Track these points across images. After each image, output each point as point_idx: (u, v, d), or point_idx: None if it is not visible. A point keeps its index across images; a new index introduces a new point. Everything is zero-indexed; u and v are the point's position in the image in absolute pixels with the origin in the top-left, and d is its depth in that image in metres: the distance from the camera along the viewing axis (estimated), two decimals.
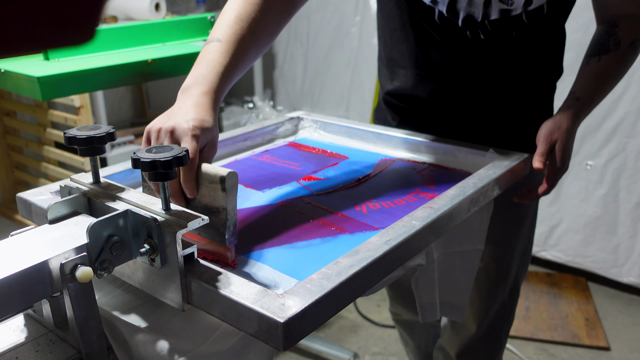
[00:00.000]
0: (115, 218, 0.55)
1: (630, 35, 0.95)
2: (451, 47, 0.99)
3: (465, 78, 1.02)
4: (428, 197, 0.83)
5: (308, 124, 1.15)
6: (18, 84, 1.16)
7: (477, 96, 1.03)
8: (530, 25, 0.95)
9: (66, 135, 0.61)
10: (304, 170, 0.93)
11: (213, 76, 0.73)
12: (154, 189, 0.65)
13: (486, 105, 1.04)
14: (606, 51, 0.96)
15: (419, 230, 0.65)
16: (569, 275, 2.33)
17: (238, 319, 0.51)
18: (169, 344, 0.56)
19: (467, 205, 0.76)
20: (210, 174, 0.62)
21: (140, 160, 0.54)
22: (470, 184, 0.79)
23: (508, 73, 1.01)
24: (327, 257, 0.65)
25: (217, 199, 0.62)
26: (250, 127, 1.08)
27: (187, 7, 2.49)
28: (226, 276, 0.53)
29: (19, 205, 0.75)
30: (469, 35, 0.96)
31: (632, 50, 0.96)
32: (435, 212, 0.69)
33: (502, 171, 0.84)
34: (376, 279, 0.60)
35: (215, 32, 0.79)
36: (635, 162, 2.05)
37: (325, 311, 0.52)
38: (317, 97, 2.83)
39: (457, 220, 0.74)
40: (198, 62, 0.75)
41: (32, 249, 0.52)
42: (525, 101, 1.05)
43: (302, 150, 1.05)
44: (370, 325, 2.08)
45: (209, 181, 0.62)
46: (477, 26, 0.95)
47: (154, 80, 2.04)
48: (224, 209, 0.61)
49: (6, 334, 0.57)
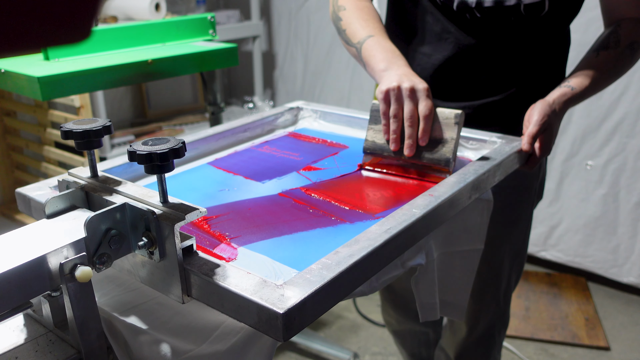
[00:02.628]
0: (113, 211, 0.55)
1: (630, 36, 0.97)
2: (449, 27, 1.02)
3: (462, 63, 1.03)
4: (428, 185, 0.83)
5: (308, 113, 1.15)
6: (18, 84, 1.16)
7: (474, 84, 1.04)
8: (529, 18, 0.96)
9: (62, 129, 0.61)
10: (303, 161, 0.93)
11: (399, 55, 0.94)
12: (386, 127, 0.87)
13: (482, 95, 1.05)
14: (605, 47, 0.98)
15: (420, 218, 0.64)
16: (569, 275, 2.33)
17: (237, 311, 0.50)
18: (169, 344, 0.56)
19: (468, 192, 0.75)
20: (444, 112, 0.85)
21: (137, 153, 0.54)
22: (471, 170, 0.78)
23: (508, 62, 1.02)
24: (326, 247, 0.65)
25: (448, 131, 0.84)
26: (250, 118, 1.07)
27: (187, 7, 2.49)
28: (225, 268, 0.53)
29: (18, 200, 0.75)
30: (468, 16, 0.99)
31: (631, 52, 0.98)
32: (436, 200, 0.69)
33: (502, 157, 0.84)
34: (376, 268, 0.59)
35: (359, 34, 0.99)
36: (635, 162, 2.05)
37: (325, 301, 0.52)
38: (317, 97, 2.83)
39: (458, 208, 0.74)
40: (373, 52, 0.94)
41: (30, 244, 0.52)
42: (522, 98, 1.05)
43: (302, 140, 1.05)
44: (370, 325, 2.07)
45: (443, 117, 0.84)
46: (472, 10, 0.98)
47: (154, 80, 2.04)
48: (453, 139, 0.83)
49: (6, 334, 0.57)
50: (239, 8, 2.81)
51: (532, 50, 1.02)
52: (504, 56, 1.02)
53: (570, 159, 2.16)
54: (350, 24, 1.01)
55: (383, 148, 0.88)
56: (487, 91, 1.04)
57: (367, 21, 1.00)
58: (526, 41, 1.01)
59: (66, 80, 1.15)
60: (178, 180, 0.86)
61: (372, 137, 0.89)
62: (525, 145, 0.89)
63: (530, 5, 0.94)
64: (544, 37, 1.02)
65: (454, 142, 0.83)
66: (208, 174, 0.89)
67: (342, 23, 1.03)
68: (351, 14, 1.02)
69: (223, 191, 0.82)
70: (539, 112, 0.91)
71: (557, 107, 0.93)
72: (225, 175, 0.88)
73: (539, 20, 0.97)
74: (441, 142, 0.84)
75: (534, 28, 0.99)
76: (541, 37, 1.01)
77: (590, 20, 1.64)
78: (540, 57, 1.04)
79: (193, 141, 0.94)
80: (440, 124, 0.84)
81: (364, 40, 0.97)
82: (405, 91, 0.84)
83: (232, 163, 0.93)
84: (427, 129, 0.84)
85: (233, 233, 0.68)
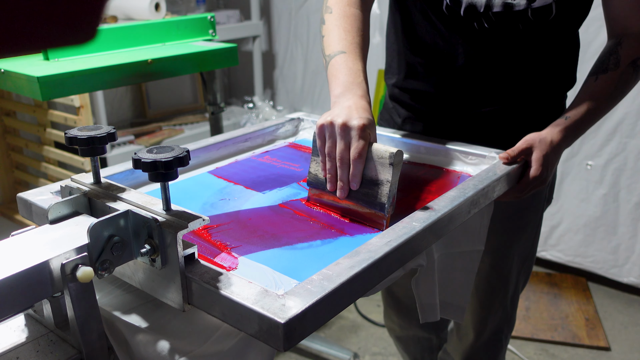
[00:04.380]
0: (116, 218, 0.55)
1: (631, 54, 0.94)
2: (456, 38, 1.00)
3: (471, 72, 1.02)
4: (428, 199, 0.83)
5: (308, 124, 1.15)
6: (18, 84, 1.16)
7: (483, 92, 1.03)
8: (537, 23, 0.95)
9: (67, 136, 0.61)
10: (304, 172, 0.93)
11: (360, 81, 0.85)
12: (321, 161, 0.80)
13: (492, 103, 1.03)
14: (605, 70, 0.95)
15: (420, 231, 0.65)
16: (569, 275, 2.33)
17: (238, 320, 0.51)
18: (170, 345, 0.56)
19: (468, 207, 0.76)
20: (380, 151, 0.75)
21: (142, 161, 0.54)
22: (470, 185, 0.79)
23: (516, 69, 1.01)
24: (327, 258, 0.65)
25: (383, 172, 0.74)
26: (251, 128, 1.08)
27: (187, 7, 2.49)
28: (227, 277, 0.53)
29: (19, 205, 0.75)
30: (476, 26, 0.97)
31: (633, 70, 0.95)
32: (436, 214, 0.69)
33: (502, 173, 0.84)
34: (376, 280, 0.60)
35: (333, 46, 0.91)
36: (635, 162, 2.05)
37: (325, 312, 0.52)
38: (317, 97, 2.83)
39: (458, 222, 0.74)
40: (336, 72, 0.86)
41: (33, 249, 0.52)
42: (532, 105, 1.04)
43: (303, 151, 1.05)
44: (370, 325, 2.08)
45: (378, 157, 0.75)
46: (480, 16, 0.95)
47: (154, 80, 2.04)
48: (388, 181, 0.74)
49: (7, 334, 0.57)
50: (239, 8, 2.80)
51: (541, 58, 1.00)
52: (512, 65, 1.00)
53: (570, 159, 2.17)
54: (330, 31, 0.94)
55: (325, 183, 0.81)
56: (494, 100, 1.03)
57: (347, 32, 0.92)
58: (534, 49, 0.99)
59: (66, 80, 1.15)
60: (179, 188, 0.86)
61: (314, 170, 0.82)
62: (502, 154, 0.88)
63: (538, 9, 0.93)
64: (552, 43, 1.00)
65: (389, 185, 0.74)
66: (209, 183, 0.89)
67: (324, 28, 0.96)
68: (334, 20, 0.94)
69: (224, 200, 0.82)
70: (526, 137, 0.90)
71: (550, 136, 0.91)
72: (225, 185, 0.88)
73: (547, 25, 0.96)
74: (377, 183, 0.75)
75: (541, 34, 0.97)
76: (549, 43, 1.00)
77: (591, 20, 1.63)
78: (549, 64, 1.02)
79: (194, 150, 0.94)
80: (375, 163, 0.76)
81: (333, 56, 0.89)
82: (338, 128, 0.76)
83: (233, 172, 0.93)
84: (356, 173, 0.76)
85: (234, 242, 0.68)
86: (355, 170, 0.76)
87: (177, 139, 2.49)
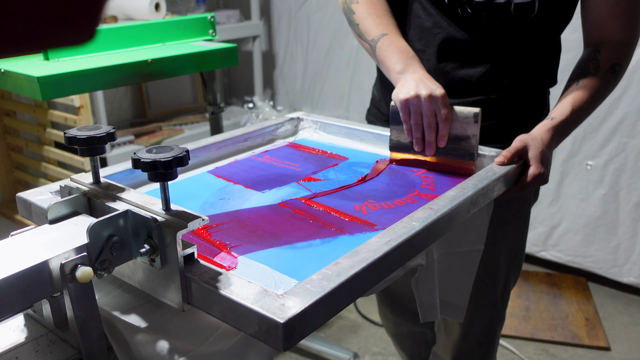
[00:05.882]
0: (116, 218, 0.55)
1: (610, 60, 0.97)
2: (444, 23, 1.02)
3: (456, 57, 1.03)
4: (428, 198, 0.83)
5: (308, 124, 1.15)
6: (18, 84, 1.16)
7: (469, 77, 1.04)
8: (519, 19, 0.96)
9: (66, 136, 0.61)
10: (303, 171, 0.93)
11: (413, 55, 0.97)
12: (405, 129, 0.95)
13: (474, 93, 1.04)
14: (585, 75, 0.98)
15: (419, 231, 0.65)
16: (569, 275, 2.33)
17: (238, 320, 0.51)
18: (169, 344, 0.56)
19: (467, 206, 0.76)
20: (463, 112, 0.91)
21: (141, 161, 0.54)
22: (470, 185, 0.79)
23: (499, 61, 1.02)
24: (327, 258, 0.65)
25: (469, 129, 0.91)
26: (251, 128, 1.08)
27: (187, 7, 2.49)
28: (226, 276, 0.53)
29: (18, 205, 0.75)
30: (460, 12, 0.99)
31: (612, 75, 0.97)
32: (435, 213, 0.69)
33: (502, 172, 0.84)
34: (376, 279, 0.60)
35: (373, 31, 1.01)
36: (635, 162, 2.05)
37: (325, 312, 0.52)
38: (317, 97, 2.83)
39: (457, 222, 0.74)
40: (388, 52, 0.98)
41: (32, 249, 0.52)
42: (514, 96, 1.05)
43: (302, 150, 1.05)
44: (370, 325, 2.08)
45: (462, 117, 0.91)
46: (464, 3, 0.98)
47: (154, 80, 2.04)
48: (474, 135, 0.91)
49: (6, 334, 0.57)
50: (239, 8, 2.80)
51: (522, 55, 1.02)
52: (494, 55, 1.01)
53: (570, 159, 2.17)
54: (364, 19, 1.02)
55: (408, 146, 0.96)
56: (477, 89, 1.04)
57: (381, 17, 1.01)
58: (516, 44, 1.00)
59: (66, 80, 1.15)
60: (178, 188, 0.86)
61: (396, 137, 0.97)
62: (498, 157, 0.88)
63: (521, 5, 0.94)
64: (535, 43, 1.01)
65: (475, 138, 0.91)
66: (208, 182, 0.89)
67: (355, 17, 1.04)
68: (364, 8, 1.03)
69: (223, 200, 0.82)
70: (518, 137, 0.91)
71: (539, 134, 0.92)
72: (225, 184, 0.88)
73: (529, 22, 0.97)
74: (463, 139, 0.92)
75: (524, 31, 0.99)
76: (532, 42, 1.01)
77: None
78: (529, 64, 1.03)
79: (194, 149, 0.94)
80: (460, 122, 0.91)
81: (378, 39, 0.99)
82: (424, 100, 0.89)
83: (233, 172, 0.93)
84: (444, 133, 0.91)
85: (233, 242, 0.68)
86: (443, 130, 0.91)
87: (177, 139, 2.49)
